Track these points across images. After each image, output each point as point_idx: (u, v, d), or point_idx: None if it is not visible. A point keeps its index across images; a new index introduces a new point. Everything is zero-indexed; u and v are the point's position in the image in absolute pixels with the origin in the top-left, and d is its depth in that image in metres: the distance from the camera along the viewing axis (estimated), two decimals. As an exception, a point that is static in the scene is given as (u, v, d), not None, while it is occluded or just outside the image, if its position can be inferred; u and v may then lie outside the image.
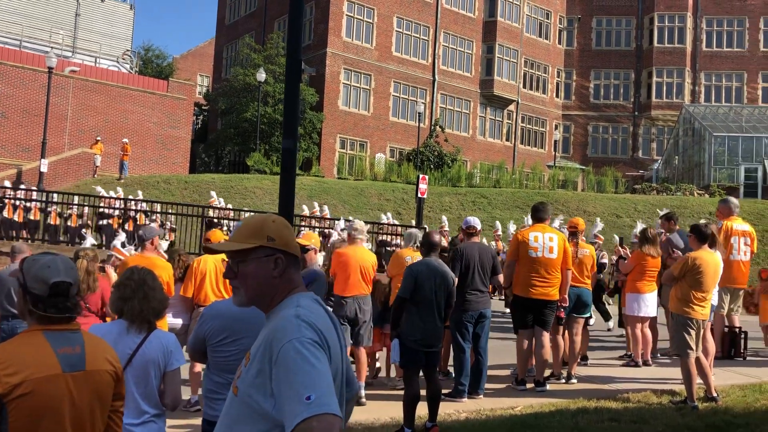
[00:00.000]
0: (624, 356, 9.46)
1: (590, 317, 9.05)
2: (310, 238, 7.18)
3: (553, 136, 40.95)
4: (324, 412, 1.76)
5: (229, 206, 19.70)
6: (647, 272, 8.80)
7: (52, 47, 29.43)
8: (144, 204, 18.67)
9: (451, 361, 7.78)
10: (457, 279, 6.92)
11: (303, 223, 17.76)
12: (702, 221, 7.58)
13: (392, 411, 6.57)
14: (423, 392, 6.12)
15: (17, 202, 17.35)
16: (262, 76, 30.11)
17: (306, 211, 19.41)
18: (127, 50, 35.80)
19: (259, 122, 30.39)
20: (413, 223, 20.67)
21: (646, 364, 8.89)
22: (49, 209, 17.63)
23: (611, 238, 16.14)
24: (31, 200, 17.92)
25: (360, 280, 7.68)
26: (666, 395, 7.21)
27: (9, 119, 26.37)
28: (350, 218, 16.78)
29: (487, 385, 7.35)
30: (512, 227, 15.38)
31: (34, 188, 18.93)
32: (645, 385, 7.75)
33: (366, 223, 10.53)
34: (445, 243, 10.06)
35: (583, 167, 38.97)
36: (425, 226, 19.28)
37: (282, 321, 1.96)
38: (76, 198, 18.28)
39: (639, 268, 8.83)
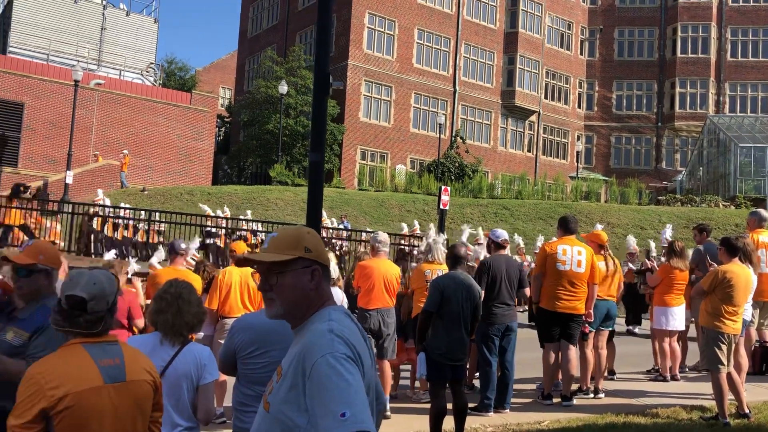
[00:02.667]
0: (651, 370, 9.33)
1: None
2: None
3: (576, 147, 40.70)
4: (359, 429, 1.74)
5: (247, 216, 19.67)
6: (675, 285, 8.69)
7: (78, 61, 29.91)
8: (253, 224, 18.36)
9: (477, 375, 7.73)
10: (483, 292, 6.88)
11: (327, 235, 17.71)
12: (734, 234, 7.47)
13: (417, 424, 6.53)
14: (449, 406, 6.08)
15: (120, 221, 17.20)
16: (284, 88, 30.33)
17: (329, 223, 19.38)
18: (151, 63, 36.27)
19: (281, 134, 30.58)
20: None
21: (674, 378, 8.76)
22: (138, 226, 17.60)
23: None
24: (139, 219, 17.76)
25: (384, 292, 7.65)
26: (696, 411, 7.09)
27: (36, 132, 26.80)
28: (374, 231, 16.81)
29: (513, 400, 7.28)
30: (539, 241, 15.22)
31: (126, 206, 18.52)
32: (674, 400, 7.63)
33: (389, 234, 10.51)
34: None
35: (606, 178, 38.64)
36: (446, 237, 19.21)
37: (315, 335, 1.94)
38: (172, 216, 17.97)
39: (667, 281, 8.71)
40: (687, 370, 9.56)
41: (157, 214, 18.40)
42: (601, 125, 42.87)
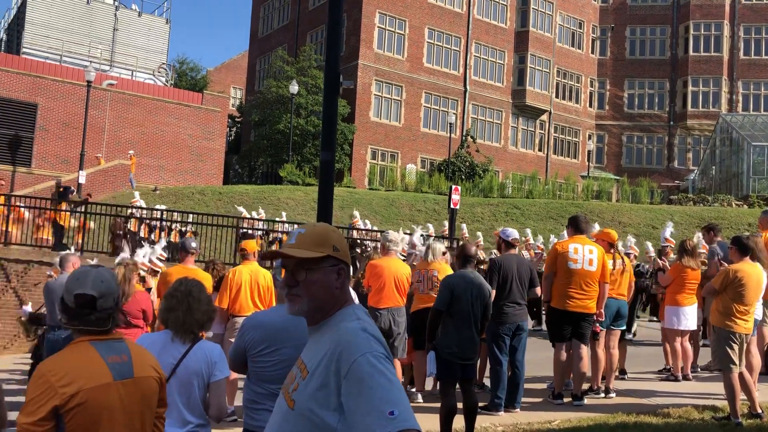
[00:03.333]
0: (663, 370, 9.28)
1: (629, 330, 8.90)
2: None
3: (587, 146, 40.54)
4: (409, 427, 1.75)
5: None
6: (687, 285, 8.64)
7: (90, 61, 30.12)
8: (287, 225, 18.09)
9: (487, 374, 7.72)
10: (494, 291, 6.88)
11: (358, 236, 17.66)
12: (745, 234, 7.42)
13: (428, 424, 6.52)
14: (459, 405, 6.07)
15: (157, 223, 17.01)
16: (294, 88, 30.40)
17: (361, 224, 19.34)
18: (163, 63, 36.45)
19: (292, 134, 30.65)
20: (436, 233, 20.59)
21: (685, 378, 8.72)
22: (172, 227, 17.47)
23: (644, 249, 15.83)
24: (187, 222, 17.56)
25: (394, 291, 7.68)
26: (708, 411, 7.05)
27: (49, 132, 27.01)
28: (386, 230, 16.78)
29: (523, 399, 7.27)
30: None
31: (162, 207, 18.33)
32: (686, 400, 7.59)
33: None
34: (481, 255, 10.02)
35: (618, 177, 38.45)
36: (459, 237, 19.18)
37: (349, 334, 1.93)
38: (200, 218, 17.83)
39: (678, 280, 8.67)
40: (699, 370, 9.51)
41: (191, 215, 18.29)
42: (613, 124, 42.67)
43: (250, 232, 17.52)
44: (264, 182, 32.98)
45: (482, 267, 9.23)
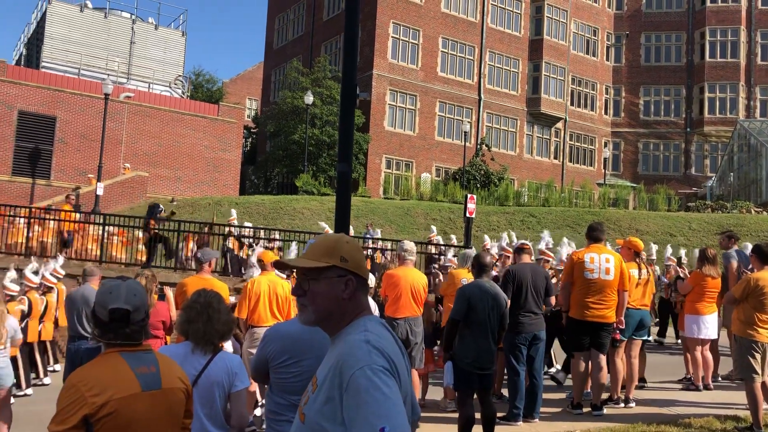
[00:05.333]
0: (683, 380, 9.18)
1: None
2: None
3: (603, 154, 40.32)
4: None
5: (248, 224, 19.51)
6: (707, 293, 8.56)
7: (108, 74, 30.47)
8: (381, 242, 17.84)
9: (505, 384, 7.68)
10: (509, 301, 6.85)
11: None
12: (766, 242, 7.34)
13: (446, 434, 6.51)
14: (477, 415, 6.05)
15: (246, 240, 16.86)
16: (309, 98, 30.56)
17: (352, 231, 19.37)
18: (179, 76, 36.77)
19: (307, 144, 30.79)
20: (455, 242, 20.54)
21: (706, 388, 8.62)
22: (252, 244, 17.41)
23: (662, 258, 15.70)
24: (272, 239, 17.27)
25: (411, 301, 7.66)
26: (730, 421, 6.97)
27: (68, 144, 27.32)
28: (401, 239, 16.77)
29: (542, 409, 7.22)
30: (564, 245, 14.83)
31: (249, 225, 18.18)
32: (707, 409, 7.50)
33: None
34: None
35: (634, 185, 38.20)
36: (471, 246, 19.13)
37: (351, 347, 1.92)
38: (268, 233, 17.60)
39: (698, 289, 8.59)
40: (720, 379, 9.40)
41: (276, 233, 18.09)
42: (629, 131, 42.43)
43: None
44: (280, 192, 33.12)
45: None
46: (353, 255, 2.09)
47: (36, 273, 10.36)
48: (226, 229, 17.14)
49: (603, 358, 7.34)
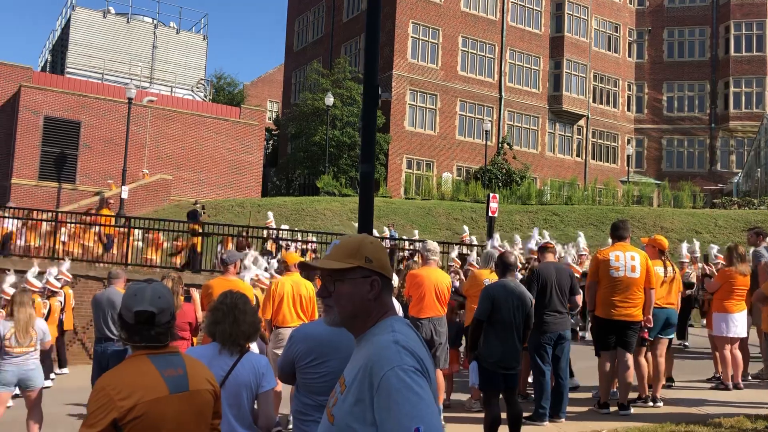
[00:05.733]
0: (712, 378, 9.05)
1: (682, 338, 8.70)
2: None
3: (626, 151, 39.89)
4: None
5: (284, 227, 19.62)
6: (735, 291, 8.43)
7: (131, 79, 30.84)
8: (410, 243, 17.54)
9: (530, 384, 7.63)
10: (534, 300, 6.80)
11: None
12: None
13: (472, 434, 6.48)
14: (503, 415, 6.01)
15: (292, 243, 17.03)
16: (330, 100, 30.65)
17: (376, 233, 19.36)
18: (201, 79, 37.09)
19: (328, 145, 30.87)
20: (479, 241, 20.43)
21: (736, 387, 8.49)
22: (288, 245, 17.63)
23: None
24: (307, 241, 17.61)
25: (435, 301, 7.64)
26: (761, 420, 6.85)
27: (93, 149, 27.68)
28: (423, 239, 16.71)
29: (568, 409, 7.16)
30: (581, 236, 14.45)
31: (285, 227, 18.25)
32: (737, 409, 7.39)
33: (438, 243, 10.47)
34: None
35: (659, 182, 37.74)
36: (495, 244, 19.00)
37: (380, 347, 1.92)
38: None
39: (727, 286, 8.46)
40: (750, 378, 9.24)
41: (312, 235, 18.17)
42: (652, 128, 41.93)
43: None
44: (301, 194, 33.25)
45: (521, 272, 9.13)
46: (377, 255, 2.09)
47: (39, 276, 10.43)
48: (264, 231, 17.25)
49: (630, 357, 7.26)
